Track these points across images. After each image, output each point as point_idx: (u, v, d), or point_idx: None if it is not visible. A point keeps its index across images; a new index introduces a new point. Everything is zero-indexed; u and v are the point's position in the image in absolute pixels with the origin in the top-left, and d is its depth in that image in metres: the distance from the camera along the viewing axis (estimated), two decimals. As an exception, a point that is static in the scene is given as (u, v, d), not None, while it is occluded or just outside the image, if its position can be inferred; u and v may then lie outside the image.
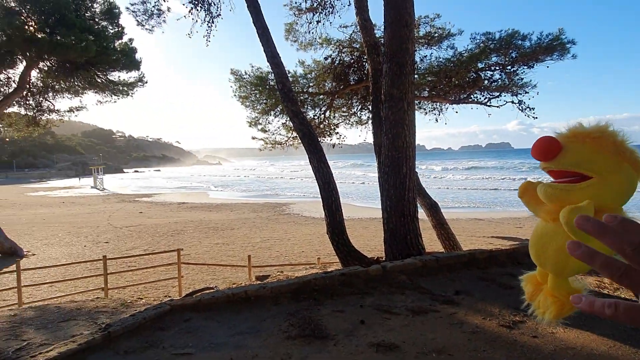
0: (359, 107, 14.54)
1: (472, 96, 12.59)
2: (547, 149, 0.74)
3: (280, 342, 4.23)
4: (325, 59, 12.94)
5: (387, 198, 7.06)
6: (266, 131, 14.38)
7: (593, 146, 0.74)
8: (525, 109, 11.94)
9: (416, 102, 13.20)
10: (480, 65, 11.95)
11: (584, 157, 0.73)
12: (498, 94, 12.28)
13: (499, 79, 12.17)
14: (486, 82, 12.18)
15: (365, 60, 11.90)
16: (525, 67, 11.63)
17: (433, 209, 10.76)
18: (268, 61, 8.53)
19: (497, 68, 11.97)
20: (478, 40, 11.66)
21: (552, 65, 11.40)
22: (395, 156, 6.91)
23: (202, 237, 17.36)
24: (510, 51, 11.45)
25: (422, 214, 8.56)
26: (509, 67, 11.80)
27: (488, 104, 12.48)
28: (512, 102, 12.10)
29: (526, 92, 11.97)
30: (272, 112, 13.79)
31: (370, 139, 9.86)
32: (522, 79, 11.89)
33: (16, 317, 6.38)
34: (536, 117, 11.99)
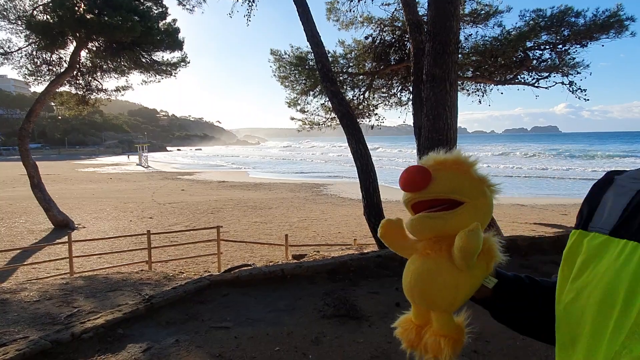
0: (399, 88, 14.27)
1: (519, 77, 12.07)
2: (420, 179, 0.74)
3: (315, 321, 4.29)
4: (366, 38, 12.73)
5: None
6: (305, 111, 14.39)
7: (459, 173, 0.76)
8: (576, 91, 11.36)
9: (459, 82, 12.82)
10: (529, 44, 11.41)
11: (456, 183, 0.75)
12: (547, 74, 11.72)
13: (549, 58, 11.60)
14: (535, 62, 11.64)
15: (407, 39, 11.61)
16: (578, 45, 11.02)
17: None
18: (308, 40, 8.46)
19: (548, 47, 11.40)
20: (527, 18, 11.11)
21: (607, 44, 10.77)
22: (436, 138, 6.75)
23: (240, 215, 17.73)
24: (562, 29, 10.86)
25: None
26: (560, 46, 11.21)
27: (536, 85, 11.93)
28: (562, 83, 11.54)
29: (578, 73, 11.39)
30: (311, 93, 13.75)
31: (410, 121, 9.70)
32: (573, 58, 11.30)
33: (68, 286, 6.76)
34: (587, 99, 11.41)
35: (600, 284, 0.72)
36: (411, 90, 9.48)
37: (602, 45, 10.92)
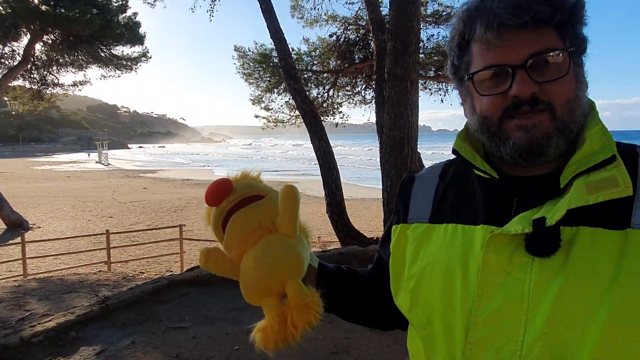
0: (364, 86, 14.40)
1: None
2: (223, 187, 0.86)
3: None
4: (330, 36, 12.76)
5: (388, 179, 7.04)
6: (269, 109, 14.30)
7: (254, 179, 0.91)
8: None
9: (422, 82, 13.06)
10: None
11: (254, 183, 0.90)
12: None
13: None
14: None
15: (370, 38, 11.71)
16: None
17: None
18: (271, 37, 8.42)
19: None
20: (486, 20, 11.43)
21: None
22: (397, 136, 6.86)
23: (206, 213, 17.47)
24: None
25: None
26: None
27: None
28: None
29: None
30: (276, 90, 13.69)
31: (374, 119, 9.80)
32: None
33: (20, 288, 6.49)
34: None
35: (437, 265, 0.83)
36: (374, 88, 9.59)
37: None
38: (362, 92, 14.43)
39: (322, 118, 11.26)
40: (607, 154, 0.74)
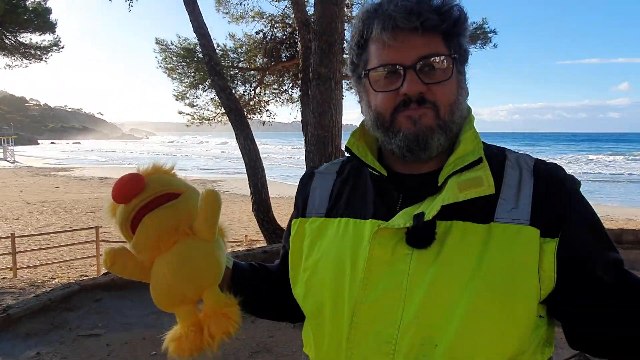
0: (291, 85, 14.39)
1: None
2: (133, 183, 0.78)
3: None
4: (257, 33, 12.63)
5: (313, 177, 7.12)
6: (194, 106, 13.86)
7: (168, 174, 0.84)
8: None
9: (347, 82, 13.32)
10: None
11: (168, 180, 0.82)
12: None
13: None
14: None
15: (297, 37, 11.75)
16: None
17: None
18: (195, 32, 8.18)
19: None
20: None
21: (475, 53, 11.94)
22: (321, 135, 6.96)
23: (109, 208, 16.59)
24: (437, 37, 11.80)
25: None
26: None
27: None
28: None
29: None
30: (201, 86, 13.29)
31: (301, 117, 9.83)
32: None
33: None
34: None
35: (330, 257, 0.88)
36: (300, 87, 9.64)
37: (471, 54, 12.06)
38: (289, 90, 14.43)
39: (248, 116, 11.15)
40: (476, 156, 0.83)
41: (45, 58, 15.83)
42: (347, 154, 1.00)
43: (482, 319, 0.75)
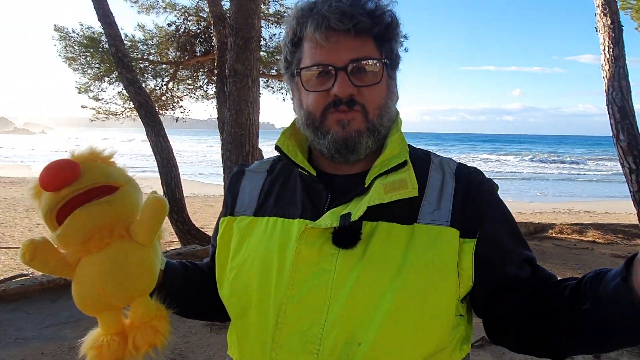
0: (206, 81, 13.96)
1: (317, 78, 13.05)
2: (70, 170, 0.70)
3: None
4: (169, 25, 12.07)
5: (230, 176, 6.97)
6: (99, 99, 12.92)
7: (104, 163, 0.76)
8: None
9: (264, 80, 13.21)
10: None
11: (106, 170, 0.75)
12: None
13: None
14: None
15: (212, 31, 11.42)
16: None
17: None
18: (99, 20, 7.61)
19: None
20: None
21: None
22: (238, 133, 6.83)
23: (19, 217, 14.99)
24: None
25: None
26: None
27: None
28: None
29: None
30: (107, 79, 12.42)
31: (216, 114, 9.56)
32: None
33: None
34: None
35: (257, 256, 0.87)
36: (216, 83, 9.38)
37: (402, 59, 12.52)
38: (205, 86, 13.99)
39: (160, 112, 10.62)
40: (401, 159, 0.86)
41: None
42: (277, 153, 1.00)
43: (403, 317, 0.77)
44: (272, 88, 14.63)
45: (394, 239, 0.81)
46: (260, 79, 8.19)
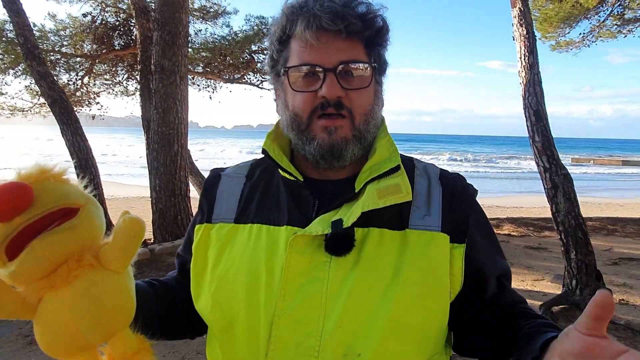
0: (125, 76, 13.22)
1: (245, 77, 12.86)
2: (19, 196, 0.59)
3: (20, 349, 3.57)
4: (84, 15, 11.26)
5: (157, 176, 6.64)
6: (3, 94, 11.73)
7: (57, 181, 0.65)
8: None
9: (190, 77, 12.77)
10: (254, 48, 12.27)
11: (62, 190, 0.64)
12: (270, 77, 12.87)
13: (271, 63, 12.75)
14: (259, 64, 12.60)
15: (132, 24, 10.82)
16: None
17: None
18: (5, 7, 6.90)
19: (269, 52, 12.51)
20: (252, 23, 11.92)
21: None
22: (166, 132, 6.53)
23: None
24: (281, 38, 12.09)
25: (194, 192, 8.36)
26: (280, 54, 12.47)
27: (260, 86, 12.97)
28: (282, 86, 12.87)
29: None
30: (12, 71, 11.30)
31: (138, 112, 9.08)
32: (292, 66, 12.74)
33: None
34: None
35: (242, 266, 0.82)
36: (139, 79, 8.89)
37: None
38: (124, 82, 13.24)
39: (75, 109, 9.85)
40: (393, 163, 0.84)
41: None
42: (256, 158, 0.97)
43: (402, 325, 0.76)
44: (198, 86, 14.18)
45: (386, 245, 0.80)
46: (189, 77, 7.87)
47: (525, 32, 4.71)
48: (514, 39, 4.88)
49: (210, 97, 14.23)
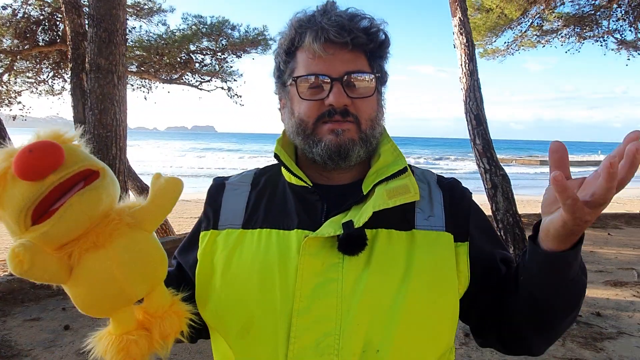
0: (51, 74, 12.37)
1: (183, 77, 12.50)
2: (54, 154, 0.59)
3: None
4: (4, 8, 10.40)
5: (94, 182, 6.27)
6: None
7: (70, 144, 0.66)
8: (233, 96, 12.66)
9: (130, 77, 12.19)
10: (192, 48, 11.95)
11: (84, 153, 0.66)
12: (209, 78, 12.59)
13: (210, 64, 12.47)
14: (198, 65, 12.29)
15: (59, 19, 10.14)
16: (234, 55, 12.29)
17: (145, 192, 10.19)
18: None
19: (209, 53, 12.23)
20: (190, 22, 11.60)
21: (259, 57, 12.43)
22: (103, 135, 6.18)
23: None
24: (221, 38, 11.87)
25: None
26: (219, 54, 12.22)
27: (199, 87, 12.65)
28: (222, 88, 12.63)
29: (235, 80, 12.70)
30: None
31: (65, 112, 8.52)
32: (231, 66, 12.55)
33: None
34: (243, 105, 12.90)
35: (254, 270, 0.85)
36: (70, 78, 8.34)
37: (253, 59, 12.57)
38: (50, 80, 12.37)
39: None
40: (400, 166, 0.90)
41: None
42: (258, 167, 1.01)
43: (417, 321, 0.80)
44: (132, 85, 13.56)
45: (395, 245, 0.84)
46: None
47: (465, 40, 4.96)
48: (454, 47, 5.12)
49: (145, 98, 13.66)
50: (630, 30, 12.92)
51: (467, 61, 4.99)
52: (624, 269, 6.35)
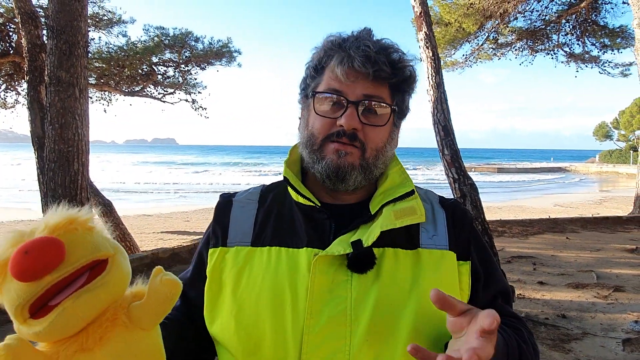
0: (3, 87, 11.81)
1: (145, 90, 12.23)
2: (51, 254, 0.55)
3: None
4: (-49, 18, 9.88)
5: (55, 199, 6.01)
6: None
7: (85, 230, 0.61)
8: (198, 108, 12.49)
9: (95, 91, 11.83)
10: (154, 59, 11.73)
11: (92, 240, 0.60)
12: (172, 90, 12.38)
13: (173, 75, 12.28)
14: (160, 77, 12.08)
15: (12, 29, 9.74)
16: (198, 67, 12.16)
17: (107, 208, 9.86)
18: None
19: (172, 65, 12.04)
20: (152, 34, 11.40)
21: (223, 70, 12.33)
22: (65, 150, 5.95)
23: None
24: (184, 50, 11.72)
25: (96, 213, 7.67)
26: (183, 66, 12.06)
27: (162, 99, 12.41)
28: (187, 100, 12.44)
29: (199, 92, 12.55)
30: None
31: (19, 126, 8.14)
32: (195, 79, 12.39)
33: None
34: (208, 117, 12.74)
35: (264, 288, 0.86)
36: (21, 91, 8.01)
37: (217, 71, 12.46)
38: (3, 93, 11.81)
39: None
40: (408, 189, 0.94)
41: None
42: (264, 184, 1.04)
43: (424, 335, 0.82)
44: (91, 98, 13.15)
45: (401, 263, 0.86)
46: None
47: (431, 54, 5.11)
48: (420, 60, 5.26)
49: (105, 111, 13.27)
50: (577, 43, 13.69)
51: (433, 74, 5.12)
52: (583, 271, 6.64)
